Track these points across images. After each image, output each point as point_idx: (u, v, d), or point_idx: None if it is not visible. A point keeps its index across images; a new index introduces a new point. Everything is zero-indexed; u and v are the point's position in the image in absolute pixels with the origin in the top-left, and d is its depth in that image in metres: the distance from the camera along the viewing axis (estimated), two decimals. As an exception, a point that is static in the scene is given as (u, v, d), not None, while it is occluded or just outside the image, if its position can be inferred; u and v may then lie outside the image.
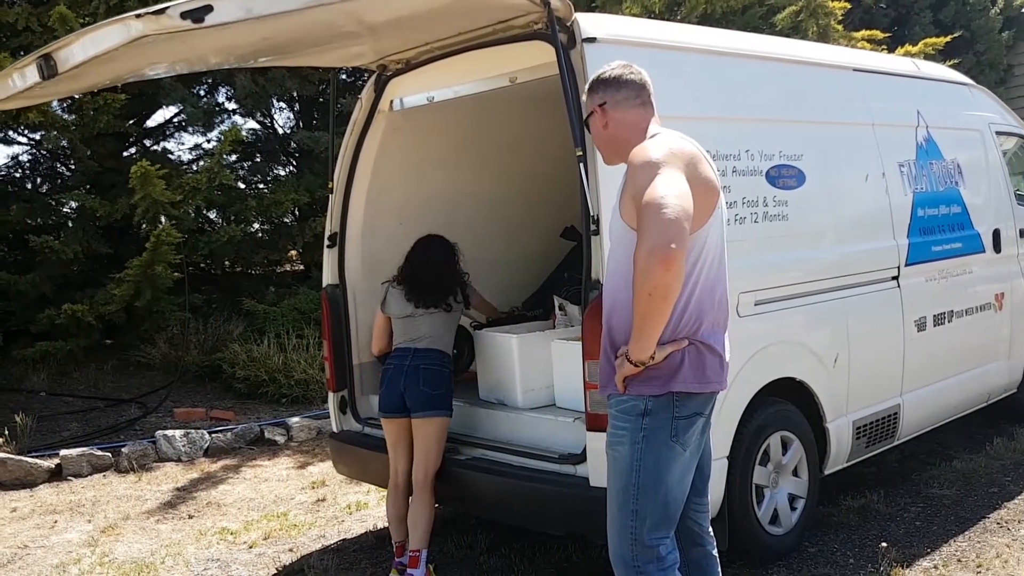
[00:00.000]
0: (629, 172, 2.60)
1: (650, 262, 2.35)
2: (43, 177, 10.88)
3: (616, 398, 2.68)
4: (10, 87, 3.44)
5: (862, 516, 4.58)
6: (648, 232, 2.36)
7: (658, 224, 2.36)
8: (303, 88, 10.61)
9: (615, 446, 2.68)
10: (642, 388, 2.60)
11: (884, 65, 5.31)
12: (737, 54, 4.20)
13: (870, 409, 4.55)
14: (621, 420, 2.66)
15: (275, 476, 6.20)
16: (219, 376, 8.52)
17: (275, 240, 10.72)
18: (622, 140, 2.72)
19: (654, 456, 2.62)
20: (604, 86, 2.77)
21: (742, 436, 3.85)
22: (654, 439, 2.61)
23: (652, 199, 2.40)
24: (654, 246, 2.35)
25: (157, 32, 2.77)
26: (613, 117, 2.75)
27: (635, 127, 2.73)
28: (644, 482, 2.62)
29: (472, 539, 4.52)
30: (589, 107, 2.81)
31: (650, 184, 2.45)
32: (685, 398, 2.62)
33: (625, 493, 2.64)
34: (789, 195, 4.12)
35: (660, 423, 2.61)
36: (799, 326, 4.16)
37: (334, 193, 4.65)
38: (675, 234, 2.34)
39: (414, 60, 4.32)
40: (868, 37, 10.70)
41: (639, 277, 2.38)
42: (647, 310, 2.42)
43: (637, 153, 2.59)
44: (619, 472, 2.66)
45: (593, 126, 2.82)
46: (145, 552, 4.77)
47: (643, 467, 2.62)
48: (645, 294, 2.38)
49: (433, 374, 4.06)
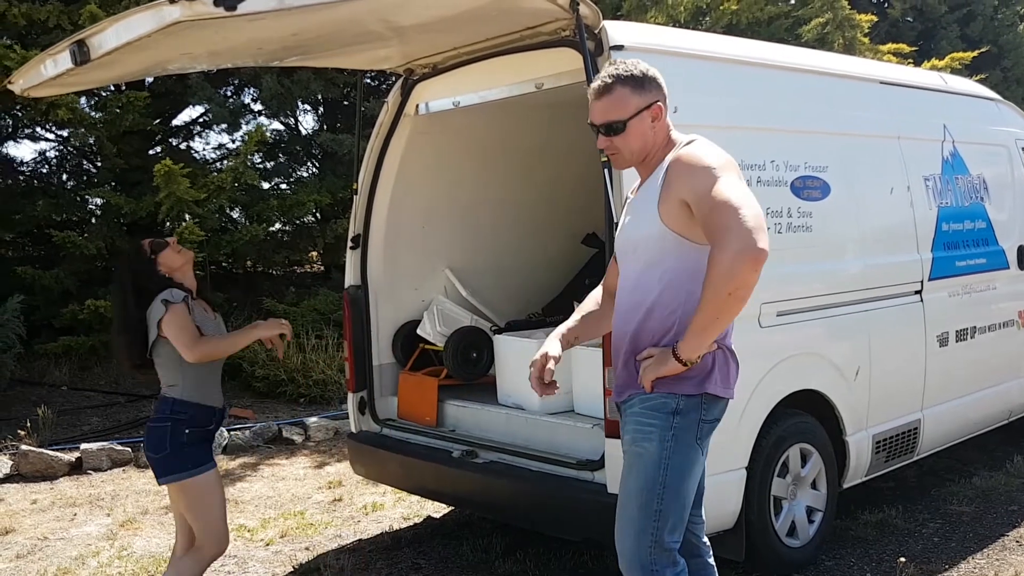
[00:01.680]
0: (679, 174, 2.51)
1: (739, 262, 2.30)
2: (69, 173, 11.02)
3: (642, 396, 2.60)
4: (42, 73, 3.46)
5: (880, 531, 4.56)
6: (732, 233, 2.31)
7: (743, 225, 2.31)
8: (328, 90, 10.69)
9: (641, 442, 2.59)
10: (675, 387, 2.54)
11: (911, 78, 5.29)
12: (764, 64, 4.19)
13: (890, 423, 4.53)
14: (649, 417, 2.58)
15: (292, 475, 6.24)
16: (239, 374, 8.58)
17: (296, 241, 10.80)
18: (655, 144, 2.65)
19: (681, 456, 2.57)
20: (657, 86, 2.65)
21: (761, 447, 3.84)
22: (682, 439, 2.57)
23: (729, 200, 2.36)
24: (744, 247, 2.29)
25: (190, 18, 2.77)
26: (661, 120, 2.64)
27: (667, 133, 2.67)
28: (671, 481, 2.56)
29: (488, 543, 4.53)
30: (638, 103, 2.60)
31: (716, 186, 2.40)
32: (712, 402, 2.59)
33: (650, 492, 2.56)
34: (813, 206, 4.11)
35: (688, 424, 2.56)
36: (821, 338, 4.14)
37: (358, 195, 4.68)
38: (762, 235, 2.32)
39: (441, 65, 4.35)
40: (895, 50, 10.66)
41: (721, 276, 2.31)
42: (722, 310, 2.38)
43: (690, 155, 2.53)
44: (643, 469, 2.58)
45: (640, 125, 2.62)
46: (163, 547, 4.80)
47: (671, 465, 2.56)
48: (725, 293, 2.33)
49: (151, 432, 3.38)
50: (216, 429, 3.49)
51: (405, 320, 4.87)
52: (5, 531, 5.11)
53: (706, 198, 2.41)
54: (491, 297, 5.18)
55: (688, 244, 2.52)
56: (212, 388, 3.43)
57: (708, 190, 2.41)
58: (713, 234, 2.38)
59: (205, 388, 3.40)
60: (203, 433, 3.40)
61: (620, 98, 2.60)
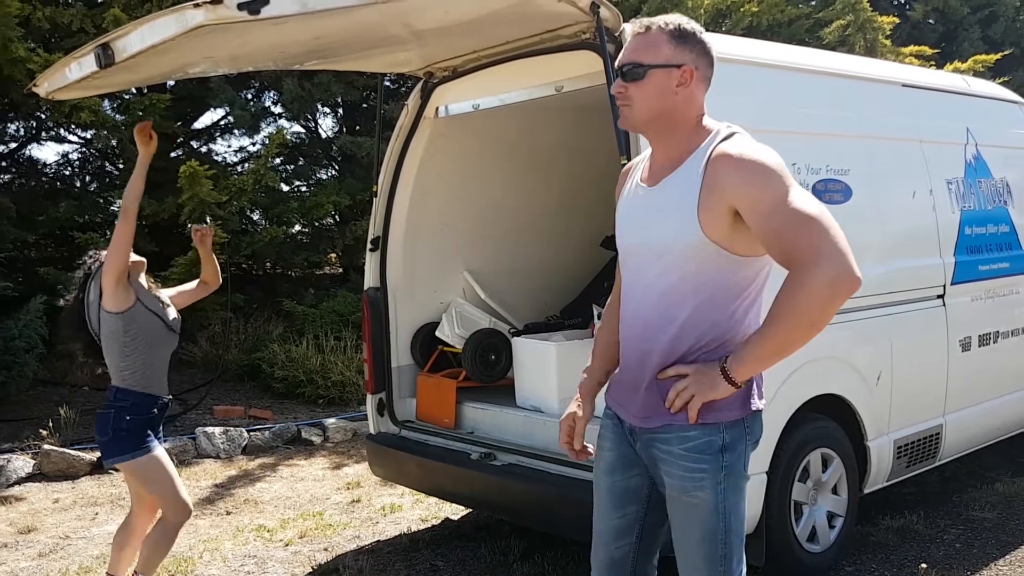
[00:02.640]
0: (731, 175, 2.14)
1: (833, 291, 2.02)
2: (92, 175, 11.13)
3: (680, 433, 2.25)
4: (67, 76, 3.51)
5: (901, 537, 4.52)
6: (825, 255, 2.02)
7: (838, 248, 2.03)
8: (348, 93, 10.74)
9: (693, 492, 2.26)
10: (719, 415, 2.23)
11: (933, 81, 5.25)
12: (786, 67, 4.17)
13: (912, 428, 4.49)
14: (696, 461, 2.25)
15: (311, 476, 6.27)
16: (258, 375, 8.63)
17: (315, 243, 10.86)
18: (677, 117, 2.25)
19: (735, 494, 2.29)
20: (702, 52, 2.26)
21: (782, 452, 3.82)
22: (734, 475, 2.28)
23: (816, 217, 2.06)
24: (842, 273, 2.02)
25: (214, 22, 2.80)
26: (692, 90, 2.24)
27: (699, 112, 2.28)
28: (731, 524, 2.28)
29: (506, 545, 4.53)
30: (669, 56, 2.22)
31: (790, 197, 2.09)
32: (752, 420, 2.30)
33: (712, 541, 2.28)
34: (835, 209, 4.02)
35: (737, 457, 2.28)
36: (842, 342, 4.11)
37: (378, 197, 4.70)
38: (854, 260, 2.04)
39: (460, 68, 4.36)
40: (916, 52, 10.59)
41: (811, 303, 2.03)
42: (798, 340, 2.10)
43: (745, 154, 2.15)
44: (701, 521, 2.28)
45: (662, 80, 2.22)
46: (183, 547, 4.84)
47: (728, 507, 2.27)
48: (808, 322, 2.05)
49: (96, 418, 3.71)
50: (160, 417, 3.72)
51: (424, 322, 4.89)
52: (28, 530, 5.16)
53: (778, 210, 2.08)
54: (509, 299, 5.19)
55: (728, 256, 2.19)
56: (154, 378, 3.67)
57: (779, 200, 2.08)
58: (794, 253, 2.06)
59: (147, 378, 3.64)
60: (144, 420, 3.64)
61: (652, 43, 2.23)
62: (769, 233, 2.10)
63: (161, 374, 3.72)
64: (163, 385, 3.73)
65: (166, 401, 3.76)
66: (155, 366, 3.68)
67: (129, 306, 3.61)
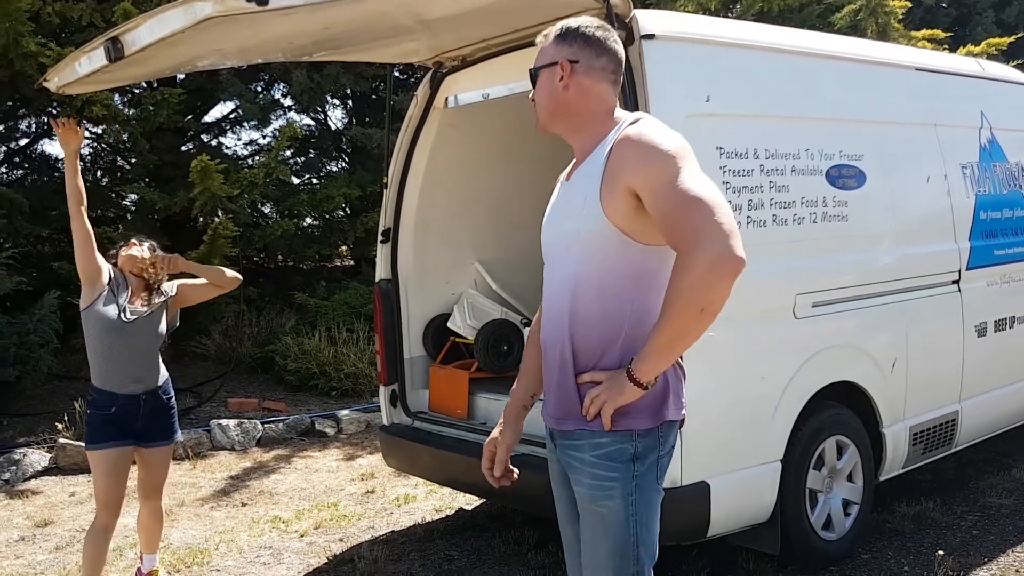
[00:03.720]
0: (627, 158, 2.11)
1: (716, 273, 1.96)
2: (104, 170, 11.16)
3: (591, 440, 2.18)
4: (77, 70, 3.52)
5: (917, 523, 4.50)
6: (705, 237, 1.97)
7: (719, 228, 1.97)
8: (357, 85, 10.73)
9: (601, 501, 2.19)
10: (631, 422, 2.15)
11: (947, 65, 5.20)
12: (797, 52, 4.13)
13: (928, 415, 4.46)
14: (606, 469, 2.17)
15: (325, 467, 6.29)
16: (271, 368, 8.67)
17: (326, 235, 10.87)
18: (576, 111, 2.25)
19: (646, 505, 2.20)
20: (584, 43, 2.24)
21: (797, 440, 3.80)
22: (645, 486, 2.19)
23: (701, 197, 2.01)
24: (722, 255, 1.95)
25: (222, 14, 2.80)
26: (580, 82, 2.23)
27: (600, 103, 2.25)
28: (642, 536, 2.20)
29: (520, 535, 4.53)
30: (550, 56, 2.25)
31: (679, 178, 2.04)
32: (668, 430, 2.22)
33: (623, 555, 2.19)
34: (849, 195, 4.06)
35: (649, 467, 2.19)
36: (857, 329, 4.09)
37: (388, 189, 4.69)
38: (739, 241, 1.98)
39: (470, 57, 4.34)
40: (929, 36, 10.48)
41: (694, 288, 1.97)
42: (690, 327, 2.02)
43: (641, 136, 2.13)
44: (610, 534, 2.19)
45: (547, 80, 2.26)
46: (199, 538, 4.86)
47: (639, 520, 2.19)
48: (697, 308, 1.98)
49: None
50: (118, 414, 3.73)
51: (435, 313, 4.88)
52: (44, 523, 5.20)
53: (667, 191, 2.03)
54: (521, 290, 5.17)
55: (632, 244, 2.14)
56: (112, 376, 3.72)
57: (669, 181, 2.04)
58: (679, 236, 2.02)
59: (104, 375, 3.74)
60: (102, 415, 3.73)
61: (543, 49, 2.29)
62: (658, 215, 2.06)
63: (123, 372, 3.73)
64: (127, 383, 3.73)
65: (132, 399, 3.74)
66: (113, 364, 3.73)
67: (88, 304, 3.73)
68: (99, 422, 3.73)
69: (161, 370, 3.87)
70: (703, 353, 3.41)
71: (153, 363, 3.82)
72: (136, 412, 3.76)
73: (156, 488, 3.98)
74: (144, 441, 3.82)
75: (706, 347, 3.42)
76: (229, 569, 4.41)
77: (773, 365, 3.74)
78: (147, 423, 3.79)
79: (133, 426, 3.76)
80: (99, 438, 3.72)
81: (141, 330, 3.76)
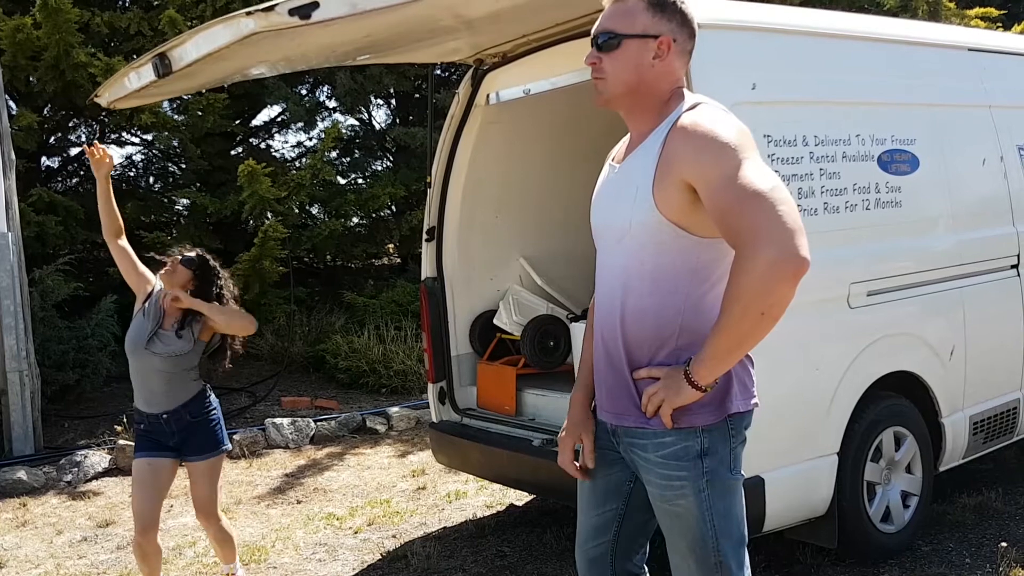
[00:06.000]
0: (684, 148, 2.00)
1: (777, 274, 1.85)
2: (155, 176, 11.38)
3: (655, 440, 2.12)
4: (126, 86, 3.61)
5: (979, 514, 4.39)
6: (766, 236, 1.86)
7: (782, 226, 1.86)
8: (400, 84, 10.79)
9: (674, 501, 2.14)
10: (694, 418, 2.08)
11: (1001, 44, 5.04)
12: (845, 35, 4.05)
13: (988, 404, 4.35)
14: (673, 468, 2.12)
15: (377, 464, 6.34)
16: (322, 366, 8.77)
17: (373, 234, 10.95)
18: (654, 91, 2.12)
19: (723, 498, 2.14)
20: (682, 22, 2.11)
21: (853, 432, 3.73)
22: (718, 480, 2.13)
23: (762, 192, 1.89)
24: (783, 255, 1.85)
25: (266, 29, 2.84)
26: (671, 63, 2.10)
27: (674, 84, 2.13)
28: (721, 529, 2.14)
29: (571, 531, 4.46)
30: (646, 27, 2.08)
31: (740, 172, 1.92)
32: (738, 421, 2.16)
33: (703, 548, 2.15)
34: (902, 181, 3.96)
35: (720, 461, 2.12)
36: (913, 317, 3.99)
37: (432, 187, 4.70)
38: (803, 240, 1.87)
39: (510, 53, 4.33)
40: (982, 15, 10.22)
41: (754, 290, 1.88)
42: (751, 331, 1.94)
43: (698, 125, 2.01)
44: (686, 529, 2.16)
45: (637, 52, 2.08)
46: (256, 535, 4.94)
47: (715, 513, 2.13)
48: (757, 312, 1.89)
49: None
50: (147, 429, 3.70)
51: (482, 310, 4.89)
52: (105, 523, 5.32)
53: (726, 186, 1.92)
54: (566, 284, 5.15)
55: (688, 237, 2.05)
56: (140, 393, 3.72)
57: (728, 176, 1.92)
58: (737, 234, 1.91)
59: (137, 392, 3.73)
60: (137, 428, 3.76)
61: (629, 11, 2.09)
62: (716, 211, 1.95)
63: (142, 392, 3.69)
64: (146, 403, 3.68)
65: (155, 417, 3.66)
66: (136, 382, 3.72)
67: (135, 312, 3.79)
68: (138, 434, 3.78)
69: (187, 391, 3.70)
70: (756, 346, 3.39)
71: (172, 387, 3.67)
72: (164, 429, 3.68)
73: (205, 504, 3.78)
74: (184, 454, 3.73)
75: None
76: (286, 566, 4.47)
77: (828, 356, 3.67)
78: (181, 438, 3.70)
79: (168, 440, 3.69)
80: (137, 447, 3.76)
81: (158, 355, 3.65)
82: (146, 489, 3.65)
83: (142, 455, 3.69)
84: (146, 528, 3.63)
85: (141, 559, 3.71)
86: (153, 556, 3.70)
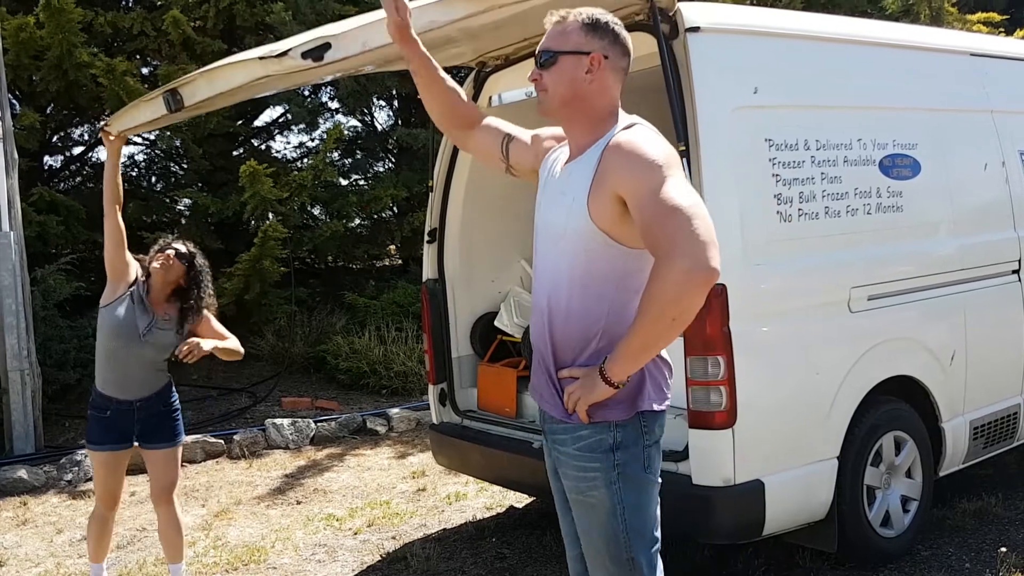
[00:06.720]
0: (617, 164, 2.16)
1: (689, 283, 2.00)
2: (157, 176, 11.39)
3: (573, 433, 2.29)
4: (137, 118, 3.71)
5: (979, 520, 4.39)
6: (682, 247, 2.00)
7: (695, 238, 2.00)
8: (403, 86, 10.79)
9: (587, 492, 2.30)
10: (607, 413, 2.23)
11: (1003, 49, 5.05)
12: (847, 40, 4.06)
13: (988, 409, 4.35)
14: (587, 460, 2.28)
15: (377, 465, 6.34)
16: (323, 367, 8.78)
17: (375, 235, 10.96)
18: (591, 106, 2.29)
19: (633, 493, 2.27)
20: (614, 41, 2.30)
21: (853, 436, 3.73)
22: (630, 474, 2.26)
23: (680, 207, 2.04)
24: (696, 266, 1.99)
25: (280, 72, 2.88)
26: (605, 78, 2.29)
27: (610, 102, 2.31)
28: (632, 524, 2.27)
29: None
30: (579, 44, 2.27)
31: (664, 188, 2.07)
32: (651, 419, 2.29)
33: (615, 543, 2.28)
34: (903, 185, 3.97)
35: (632, 456, 2.27)
36: (914, 322, 4.00)
37: (434, 189, 4.71)
38: (715, 252, 2.01)
39: (513, 56, 4.34)
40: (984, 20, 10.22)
41: (666, 296, 2.02)
42: (662, 334, 2.10)
43: (631, 143, 2.17)
44: (600, 523, 2.29)
45: (572, 67, 2.27)
46: (256, 536, 4.94)
47: (627, 507, 2.27)
48: (668, 317, 2.04)
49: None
50: (113, 418, 3.79)
51: (482, 312, 4.90)
52: (107, 522, 5.32)
53: (650, 200, 2.07)
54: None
55: (616, 247, 2.21)
56: (111, 379, 3.80)
57: (653, 190, 2.07)
58: (657, 245, 2.06)
59: (104, 378, 3.82)
60: (100, 417, 3.82)
61: (565, 31, 2.29)
62: (641, 222, 2.11)
63: (122, 379, 3.78)
64: (124, 389, 3.78)
65: (126, 404, 3.78)
66: (114, 369, 3.78)
67: (107, 302, 3.82)
68: (96, 423, 3.81)
69: (162, 378, 3.87)
70: (756, 349, 3.40)
71: (153, 374, 3.83)
72: (131, 416, 3.80)
73: (164, 491, 3.94)
74: (144, 442, 3.86)
75: (760, 343, 3.43)
76: (285, 567, 4.48)
77: (828, 360, 3.67)
78: (144, 426, 3.82)
79: (130, 429, 3.81)
80: (97, 439, 3.82)
81: (151, 345, 3.77)
82: (114, 474, 3.88)
83: (106, 447, 3.81)
84: (115, 504, 3.96)
85: (103, 530, 3.99)
86: (112, 527, 4.08)
